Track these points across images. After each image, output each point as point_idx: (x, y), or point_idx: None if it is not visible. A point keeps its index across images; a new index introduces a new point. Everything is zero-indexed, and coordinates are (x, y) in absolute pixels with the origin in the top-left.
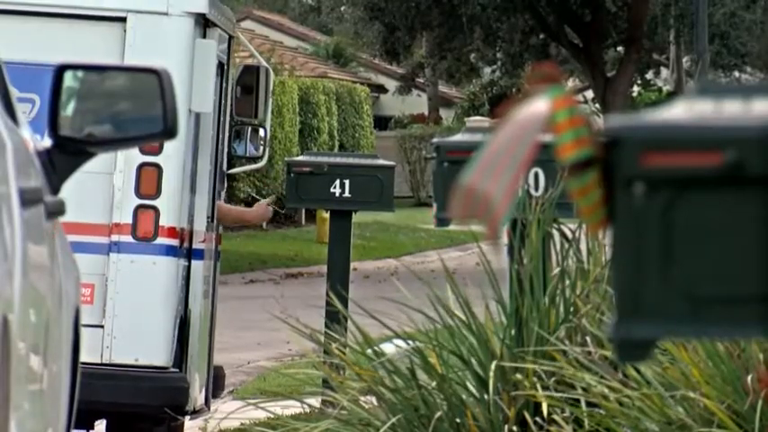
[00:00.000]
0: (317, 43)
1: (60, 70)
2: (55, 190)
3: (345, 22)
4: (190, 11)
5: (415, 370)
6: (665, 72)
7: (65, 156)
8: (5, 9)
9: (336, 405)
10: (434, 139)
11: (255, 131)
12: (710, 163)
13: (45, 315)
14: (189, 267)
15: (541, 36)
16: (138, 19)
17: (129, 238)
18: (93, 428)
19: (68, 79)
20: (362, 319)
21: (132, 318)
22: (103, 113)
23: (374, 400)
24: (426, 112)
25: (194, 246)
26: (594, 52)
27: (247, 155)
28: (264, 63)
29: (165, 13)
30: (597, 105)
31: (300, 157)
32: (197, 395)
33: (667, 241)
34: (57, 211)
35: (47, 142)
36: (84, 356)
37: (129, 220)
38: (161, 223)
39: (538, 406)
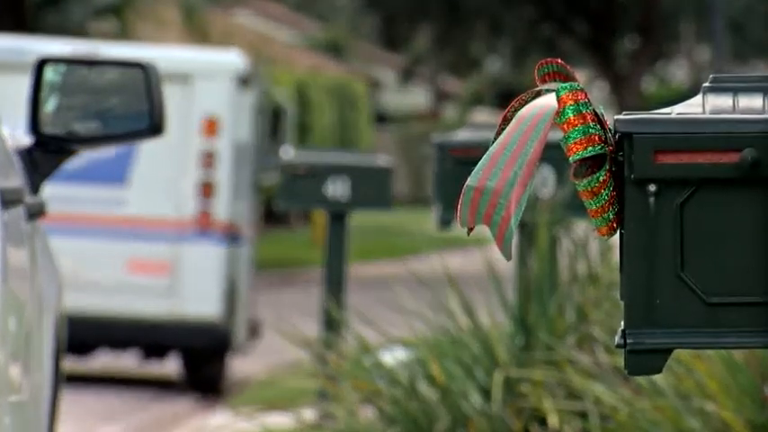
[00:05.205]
0: (314, 34)
1: (41, 64)
2: (36, 189)
3: (343, 12)
4: (234, 71)
5: (416, 380)
6: (679, 66)
7: (46, 154)
8: (89, 60)
9: (333, 417)
10: (435, 137)
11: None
12: (727, 161)
13: (25, 322)
14: (234, 251)
15: (549, 28)
16: (199, 77)
17: (194, 229)
18: (167, 357)
19: (49, 74)
20: (360, 325)
21: (196, 286)
22: (87, 109)
23: (372, 411)
24: (427, 108)
25: (239, 235)
26: (605, 45)
27: None
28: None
29: (219, 73)
30: (608, 101)
31: (294, 156)
32: (240, 340)
33: (681, 244)
34: (38, 212)
35: (28, 140)
36: (162, 313)
37: (195, 216)
38: (217, 219)
39: (545, 418)
